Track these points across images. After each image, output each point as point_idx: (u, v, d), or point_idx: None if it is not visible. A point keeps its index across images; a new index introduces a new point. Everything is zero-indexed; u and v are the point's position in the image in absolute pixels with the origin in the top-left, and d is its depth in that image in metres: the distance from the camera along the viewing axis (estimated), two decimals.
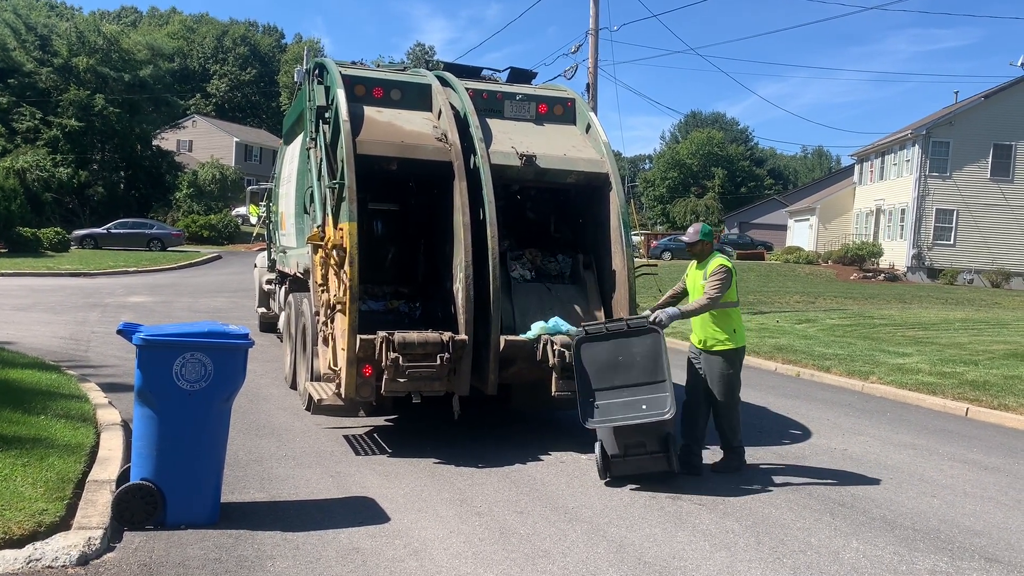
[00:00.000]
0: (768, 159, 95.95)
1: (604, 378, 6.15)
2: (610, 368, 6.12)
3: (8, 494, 4.76)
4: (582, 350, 6.21)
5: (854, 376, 11.53)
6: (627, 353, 6.11)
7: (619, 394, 6.08)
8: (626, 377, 6.08)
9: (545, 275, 7.99)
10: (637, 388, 6.03)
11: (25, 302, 17.11)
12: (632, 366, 6.07)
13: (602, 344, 6.19)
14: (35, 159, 38.73)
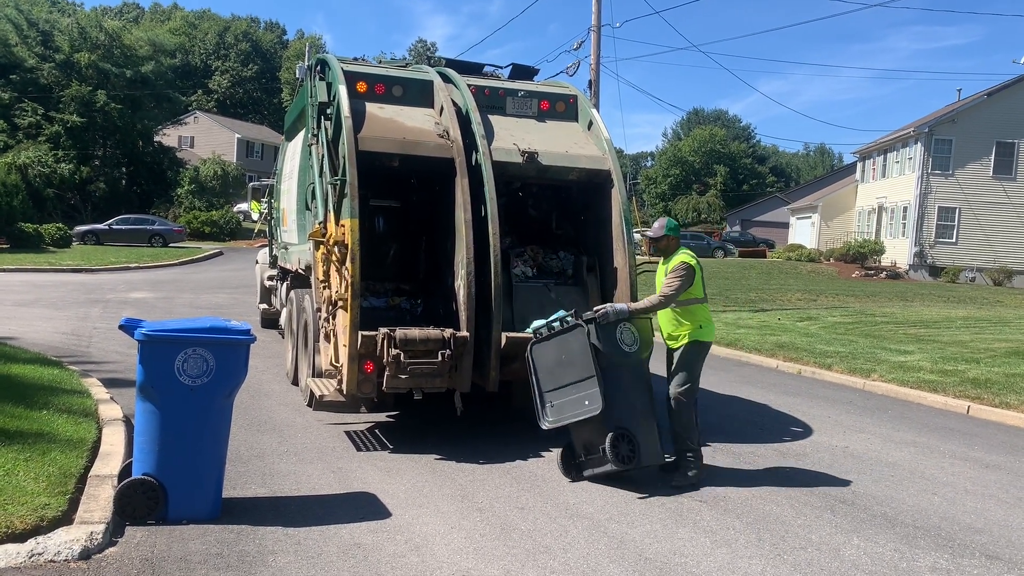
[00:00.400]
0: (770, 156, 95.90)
1: (554, 378, 6.07)
2: (558, 367, 6.03)
3: (10, 488, 4.77)
4: (534, 353, 6.16)
5: (856, 374, 11.53)
6: (568, 351, 5.96)
7: (566, 392, 5.98)
8: (571, 375, 5.94)
9: (547, 272, 7.99)
10: (579, 384, 5.87)
11: (27, 298, 17.13)
12: (573, 363, 5.91)
13: (548, 344, 6.10)
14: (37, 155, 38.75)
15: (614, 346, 5.90)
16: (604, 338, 5.86)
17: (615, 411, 5.80)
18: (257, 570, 4.24)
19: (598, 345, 5.81)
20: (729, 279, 30.52)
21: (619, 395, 5.85)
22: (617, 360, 5.88)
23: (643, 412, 5.98)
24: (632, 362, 6.00)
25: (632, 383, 5.98)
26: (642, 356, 6.09)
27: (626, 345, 5.96)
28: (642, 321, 6.15)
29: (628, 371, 5.97)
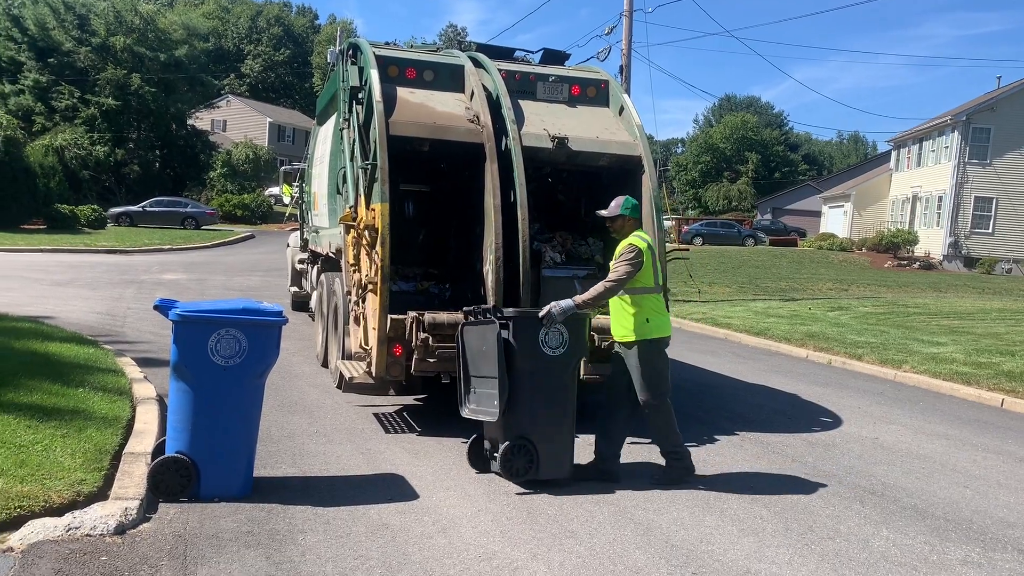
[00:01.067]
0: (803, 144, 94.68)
1: (476, 366, 5.70)
2: (479, 356, 5.63)
3: (48, 464, 4.88)
4: (464, 334, 5.78)
5: (887, 365, 11.40)
6: (487, 344, 5.50)
7: (485, 384, 5.59)
8: (487, 368, 5.53)
9: (575, 259, 7.97)
10: (492, 381, 5.42)
11: (63, 278, 17.42)
12: (488, 358, 5.47)
13: (475, 330, 5.71)
14: (73, 137, 39.34)
15: (533, 348, 5.41)
16: (522, 338, 5.39)
17: (520, 418, 5.40)
18: (287, 548, 4.30)
19: (513, 344, 5.36)
20: (759, 268, 30.28)
21: (529, 401, 5.42)
22: (535, 363, 5.41)
23: (554, 421, 5.50)
24: (554, 366, 5.48)
25: (549, 389, 5.48)
26: (568, 360, 5.55)
27: (549, 348, 5.45)
28: (576, 323, 5.57)
29: (546, 376, 5.46)
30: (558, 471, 5.53)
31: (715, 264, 30.24)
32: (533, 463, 5.41)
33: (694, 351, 12.36)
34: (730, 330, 14.56)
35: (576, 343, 5.55)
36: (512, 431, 5.41)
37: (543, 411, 5.48)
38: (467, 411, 5.72)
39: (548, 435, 5.48)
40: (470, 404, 5.73)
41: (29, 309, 11.86)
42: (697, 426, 7.64)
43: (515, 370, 5.35)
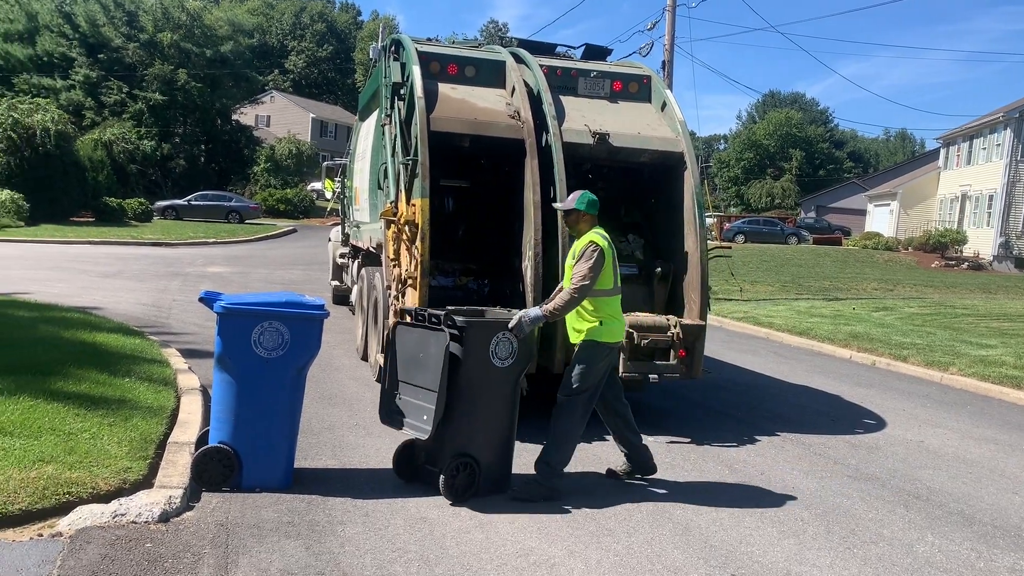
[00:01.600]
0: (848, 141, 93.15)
1: (408, 371, 5.28)
2: (413, 363, 5.21)
3: (96, 451, 4.99)
4: (397, 335, 5.37)
5: (933, 367, 11.18)
6: (426, 351, 5.09)
7: (415, 394, 5.17)
8: (422, 378, 5.11)
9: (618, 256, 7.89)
10: (426, 393, 5.03)
11: (111, 269, 17.79)
12: (427, 368, 5.05)
13: (412, 332, 5.28)
14: (121, 132, 40.05)
15: (482, 360, 5.02)
16: (474, 349, 4.98)
17: (463, 434, 5.03)
18: (326, 539, 4.35)
19: (460, 356, 4.94)
20: (803, 266, 29.86)
21: (473, 415, 5.06)
22: (482, 375, 5.03)
23: (498, 436, 5.17)
24: (501, 378, 5.12)
25: (495, 402, 5.14)
26: (516, 370, 5.18)
27: (499, 359, 5.07)
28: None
29: (493, 388, 5.10)
30: (499, 487, 5.18)
31: (757, 262, 29.89)
32: (475, 481, 5.05)
33: (735, 350, 12.23)
34: (772, 329, 14.39)
35: (524, 352, 5.19)
36: (454, 447, 5.02)
37: (487, 425, 5.12)
38: (387, 420, 5.30)
39: (491, 450, 5.15)
40: (394, 414, 5.30)
41: (78, 300, 12.13)
42: (737, 426, 7.57)
43: (460, 382, 4.93)
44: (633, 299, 7.66)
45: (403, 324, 5.37)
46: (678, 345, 6.86)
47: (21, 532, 4.08)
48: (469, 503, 5.03)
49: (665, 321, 6.93)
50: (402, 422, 5.21)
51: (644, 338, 6.74)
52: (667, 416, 7.88)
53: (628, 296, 7.65)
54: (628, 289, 7.70)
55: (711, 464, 6.26)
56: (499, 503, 5.09)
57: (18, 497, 4.24)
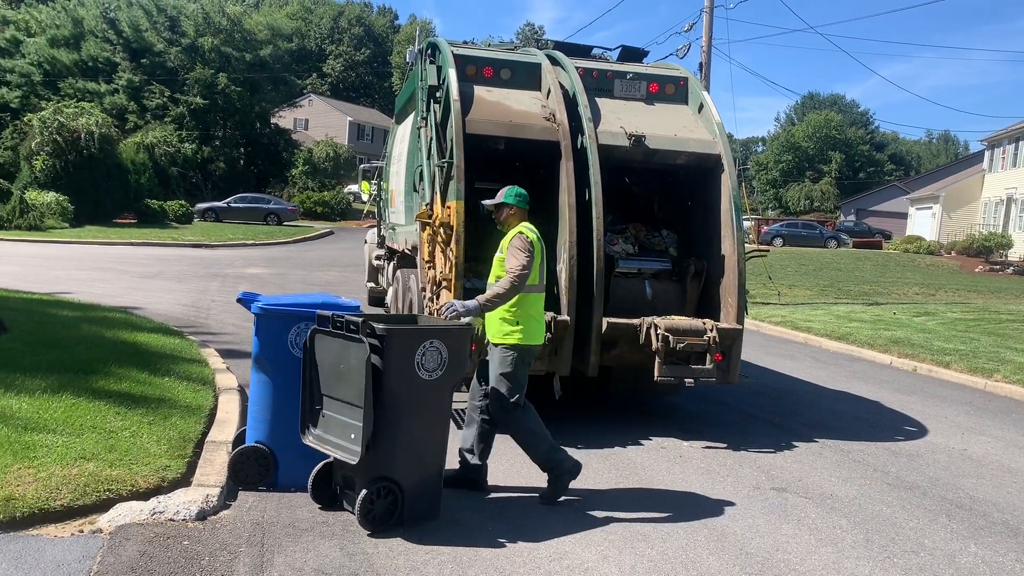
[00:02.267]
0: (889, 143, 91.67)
1: (330, 384, 4.70)
2: (334, 375, 4.65)
3: (136, 450, 5.07)
4: (315, 342, 4.73)
5: (976, 373, 10.94)
6: (347, 362, 4.52)
7: (340, 409, 4.61)
8: (345, 392, 4.57)
9: (648, 250, 7.86)
10: (351, 409, 4.49)
11: (151, 270, 18.10)
12: (349, 381, 4.50)
13: (331, 343, 4.64)
14: (163, 135, 40.77)
15: (406, 372, 4.48)
16: (396, 360, 4.43)
17: (383, 455, 4.48)
18: (360, 540, 4.36)
19: (381, 368, 4.38)
20: (842, 270, 29.44)
21: (396, 434, 4.50)
22: (407, 389, 4.49)
23: (425, 456, 4.65)
24: (428, 392, 4.57)
25: (422, 422, 4.61)
26: (445, 383, 4.64)
27: (426, 371, 4.53)
28: (457, 340, 4.70)
29: (419, 403, 4.56)
30: (428, 512, 4.68)
31: (796, 266, 29.53)
32: (397, 507, 4.52)
33: (772, 355, 12.09)
34: (810, 334, 14.19)
35: (455, 363, 4.64)
36: (373, 470, 4.46)
37: (413, 445, 4.57)
38: (311, 438, 4.72)
39: (417, 473, 4.61)
40: (315, 429, 4.73)
41: (119, 300, 12.35)
42: (774, 431, 7.48)
43: (382, 396, 4.40)
44: (665, 295, 7.65)
45: (318, 331, 4.71)
46: (714, 349, 6.79)
47: (63, 528, 4.16)
48: (502, 507, 5.02)
49: (701, 325, 6.86)
50: (319, 439, 4.68)
51: (680, 342, 6.68)
52: (703, 421, 7.81)
53: (660, 292, 7.66)
54: (661, 285, 7.70)
55: (747, 470, 6.19)
56: (532, 507, 5.08)
57: (60, 493, 4.32)
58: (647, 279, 7.64)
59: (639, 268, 7.64)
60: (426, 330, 4.69)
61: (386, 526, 4.47)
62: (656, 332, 6.67)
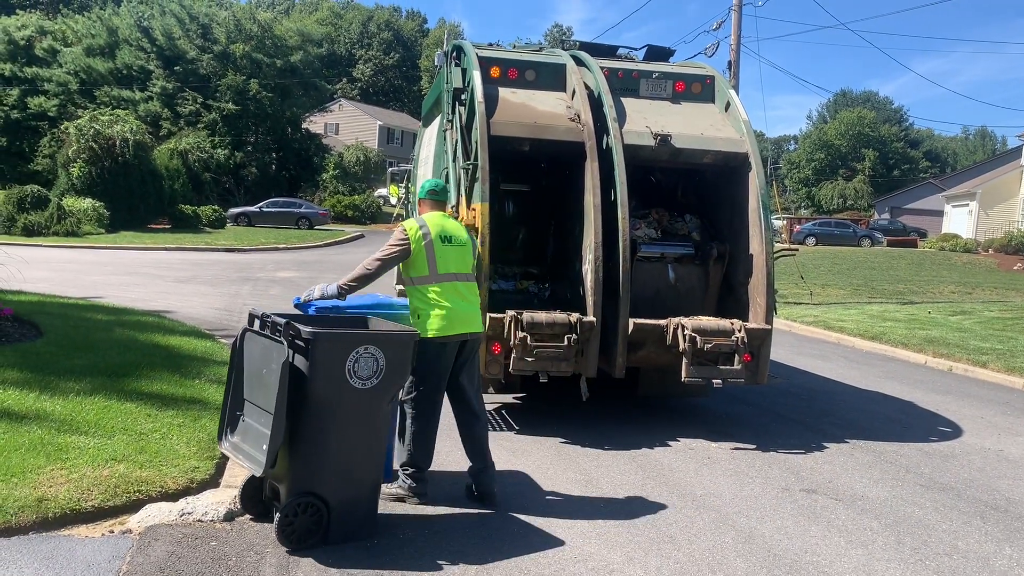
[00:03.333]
0: (924, 140, 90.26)
1: (251, 389, 4.42)
2: (257, 379, 4.36)
3: (165, 451, 5.14)
4: (244, 342, 4.48)
5: (1014, 373, 10.73)
6: (268, 366, 4.20)
7: (258, 416, 4.30)
8: (263, 397, 4.25)
9: (672, 235, 7.86)
10: (268, 417, 4.12)
11: (185, 275, 18.33)
12: (268, 386, 4.17)
13: (259, 343, 4.36)
14: (196, 141, 41.30)
15: (336, 379, 4.13)
16: (324, 366, 4.10)
17: (309, 469, 4.19)
18: (385, 539, 4.37)
19: (307, 374, 4.07)
20: (876, 269, 29.03)
21: (324, 447, 4.18)
22: (337, 398, 4.15)
23: (356, 471, 4.31)
24: (362, 402, 4.22)
25: (354, 434, 4.26)
26: (382, 393, 4.29)
27: (359, 379, 4.18)
28: (397, 347, 4.32)
29: (351, 414, 4.22)
30: (359, 531, 4.36)
31: (828, 265, 29.17)
32: (321, 525, 4.23)
33: (804, 355, 11.95)
34: (843, 334, 14.00)
35: (394, 372, 4.30)
36: (297, 484, 4.18)
37: (343, 459, 4.24)
38: (227, 445, 4.47)
39: (347, 489, 4.28)
40: (232, 436, 4.47)
41: (153, 304, 12.53)
42: (805, 432, 7.39)
43: (310, 406, 4.10)
44: (688, 278, 7.71)
45: (251, 330, 4.45)
46: (743, 349, 6.72)
47: (93, 528, 4.23)
48: (526, 508, 5.02)
49: (729, 325, 6.80)
50: (235, 447, 4.41)
51: (707, 342, 6.62)
52: (733, 422, 7.74)
53: (683, 276, 7.72)
54: (683, 269, 7.75)
55: (777, 471, 6.12)
56: (557, 506, 5.06)
57: (91, 494, 4.39)
58: (670, 263, 7.70)
59: (662, 252, 7.70)
60: (360, 335, 4.34)
61: (307, 545, 4.18)
62: (683, 333, 6.62)
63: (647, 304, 7.32)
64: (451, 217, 5.35)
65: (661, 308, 7.45)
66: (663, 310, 7.37)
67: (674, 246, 7.75)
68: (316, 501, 4.20)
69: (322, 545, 4.22)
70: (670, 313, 7.16)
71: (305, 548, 4.18)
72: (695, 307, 7.59)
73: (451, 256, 5.06)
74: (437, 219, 5.17)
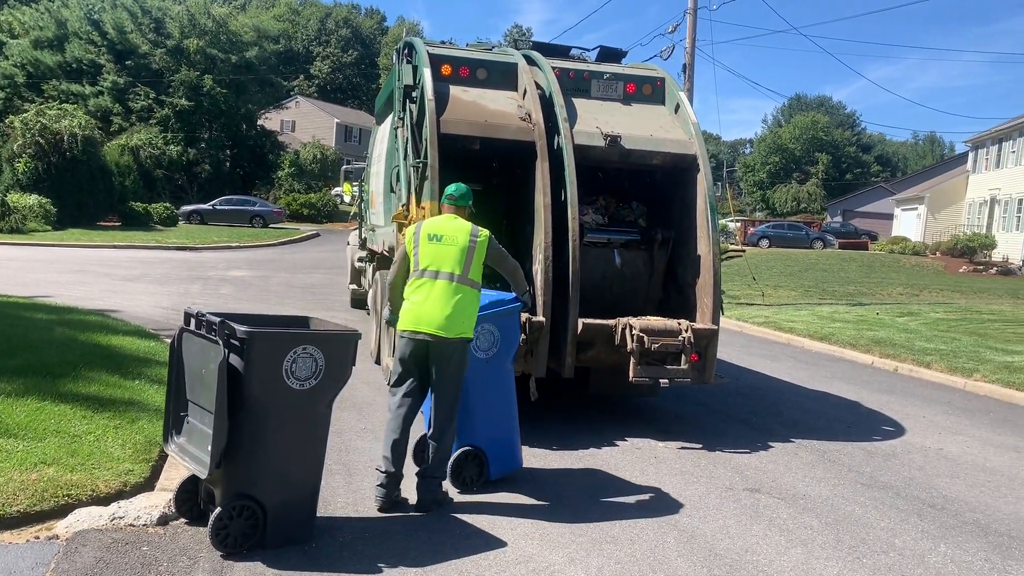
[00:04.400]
0: (876, 145, 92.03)
1: (193, 389, 4.33)
2: (197, 380, 4.27)
3: (99, 454, 5.00)
4: (183, 342, 4.39)
5: (957, 373, 10.96)
6: (207, 367, 4.11)
7: (202, 417, 4.20)
8: (205, 398, 4.15)
9: (619, 221, 7.96)
10: (211, 418, 4.03)
11: (134, 273, 17.95)
12: (208, 387, 4.09)
13: (196, 342, 4.28)
14: (148, 137, 40.54)
15: (273, 380, 4.04)
16: (260, 366, 3.99)
17: (245, 471, 4.09)
18: (325, 544, 4.31)
19: (243, 375, 3.97)
20: (827, 271, 29.52)
21: (260, 449, 4.10)
22: (275, 399, 4.06)
23: (294, 473, 4.22)
24: (300, 403, 4.13)
25: (291, 435, 4.17)
26: (321, 394, 4.22)
27: (297, 380, 4.09)
28: (336, 346, 4.28)
29: (289, 415, 4.14)
30: (296, 535, 4.26)
31: (781, 267, 29.59)
32: (258, 529, 4.12)
33: (754, 355, 12.08)
34: (793, 335, 14.19)
35: (334, 372, 4.22)
36: (233, 487, 4.07)
37: (280, 461, 4.15)
38: (173, 447, 4.38)
39: (284, 492, 4.19)
40: (178, 438, 4.39)
41: (98, 303, 12.24)
42: (752, 432, 7.46)
43: (246, 406, 4.00)
44: (634, 263, 7.85)
45: (187, 330, 4.35)
46: (690, 349, 6.76)
47: (18, 534, 4.09)
48: (469, 509, 4.98)
49: (676, 325, 6.83)
50: (181, 449, 4.34)
51: (655, 342, 6.65)
52: (681, 422, 7.78)
53: (629, 261, 7.87)
54: (629, 254, 7.89)
55: (722, 470, 6.16)
56: (501, 507, 5.03)
57: (17, 499, 4.25)
58: (616, 249, 7.81)
59: (608, 239, 7.81)
60: (297, 335, 4.21)
61: (243, 549, 4.07)
62: (631, 333, 6.64)
63: (594, 289, 7.39)
64: (460, 219, 5.26)
65: (608, 293, 7.64)
66: (610, 295, 7.60)
67: (620, 232, 7.89)
68: (252, 504, 4.10)
69: (259, 549, 4.13)
70: (617, 298, 7.39)
71: (241, 553, 4.07)
72: (641, 291, 7.81)
73: (434, 254, 5.04)
74: (440, 219, 5.28)
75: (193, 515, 4.42)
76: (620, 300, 7.63)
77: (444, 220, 5.26)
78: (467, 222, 5.23)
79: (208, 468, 3.97)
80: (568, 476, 5.78)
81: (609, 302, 7.54)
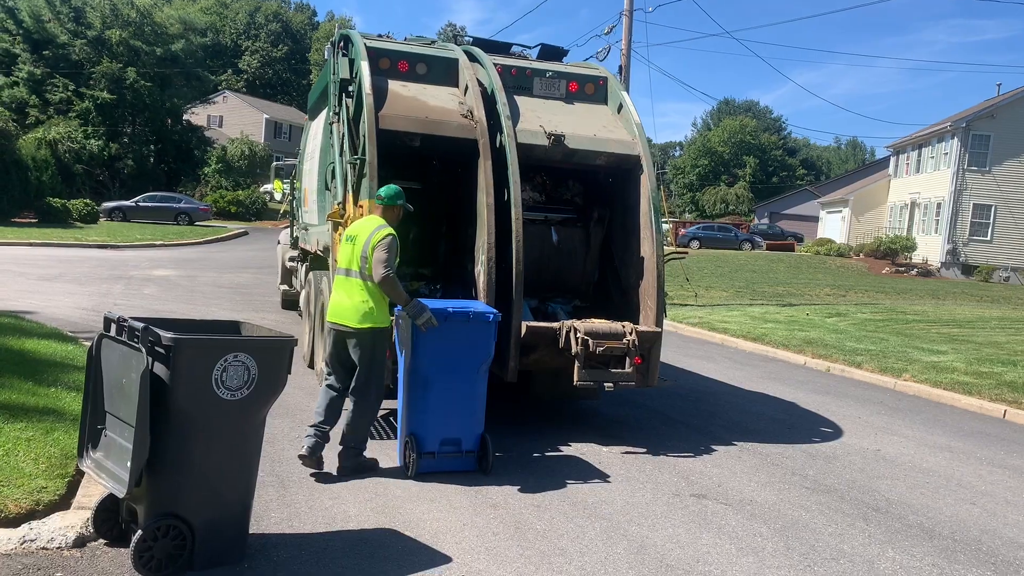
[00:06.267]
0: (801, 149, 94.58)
1: (112, 400, 4.03)
2: (117, 390, 3.97)
3: (8, 469, 4.62)
4: (102, 349, 4.08)
5: (887, 373, 11.18)
6: (128, 375, 3.83)
7: (121, 430, 3.89)
8: (125, 409, 3.86)
9: (557, 200, 7.97)
10: (130, 430, 3.72)
11: (51, 272, 17.12)
12: (128, 397, 3.79)
13: (117, 349, 3.97)
14: (67, 130, 38.94)
15: (202, 390, 3.77)
16: (187, 375, 3.73)
17: (171, 488, 3.80)
18: (258, 563, 4.04)
19: (169, 385, 3.69)
20: (756, 272, 30.07)
21: (187, 464, 3.81)
22: (203, 410, 3.80)
23: (227, 492, 3.94)
24: (231, 414, 3.86)
25: (222, 449, 3.89)
26: (254, 405, 3.95)
27: (228, 390, 3.83)
28: (270, 355, 3.99)
29: (219, 427, 3.86)
30: (227, 554, 3.98)
31: (712, 268, 30.02)
32: (185, 550, 3.83)
33: (690, 356, 12.12)
34: (727, 335, 14.32)
35: (267, 381, 3.95)
36: (158, 504, 3.80)
37: (209, 477, 3.87)
38: (88, 463, 4.06)
39: (214, 510, 3.90)
40: (95, 452, 4.07)
41: (12, 304, 11.59)
42: (694, 435, 7.41)
43: (171, 419, 3.72)
44: (570, 240, 7.91)
45: (107, 336, 4.05)
46: (634, 352, 6.66)
47: None
48: (411, 522, 4.76)
49: (621, 328, 6.72)
50: (97, 464, 4.01)
51: (599, 345, 6.52)
52: (623, 425, 7.68)
53: (565, 238, 7.91)
54: (566, 231, 7.93)
55: (667, 475, 6.07)
56: (445, 520, 4.82)
57: None
58: (553, 226, 7.84)
59: (545, 216, 7.85)
60: (228, 341, 3.93)
61: (168, 572, 3.77)
62: (576, 336, 6.50)
63: (532, 266, 7.23)
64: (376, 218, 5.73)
65: (545, 271, 7.66)
66: (547, 272, 7.65)
67: (557, 211, 7.92)
68: (178, 523, 3.82)
69: (187, 571, 3.84)
70: (553, 275, 7.41)
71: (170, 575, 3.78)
72: (577, 268, 7.88)
73: (344, 253, 5.60)
74: (362, 221, 5.70)
75: (113, 536, 4.09)
76: (557, 277, 7.64)
77: (365, 221, 5.67)
78: (377, 221, 5.64)
79: (127, 486, 3.68)
80: (512, 484, 5.60)
81: (546, 280, 7.52)
